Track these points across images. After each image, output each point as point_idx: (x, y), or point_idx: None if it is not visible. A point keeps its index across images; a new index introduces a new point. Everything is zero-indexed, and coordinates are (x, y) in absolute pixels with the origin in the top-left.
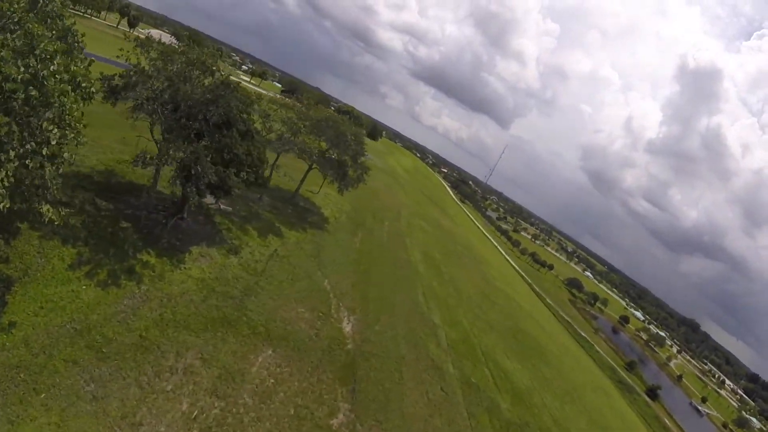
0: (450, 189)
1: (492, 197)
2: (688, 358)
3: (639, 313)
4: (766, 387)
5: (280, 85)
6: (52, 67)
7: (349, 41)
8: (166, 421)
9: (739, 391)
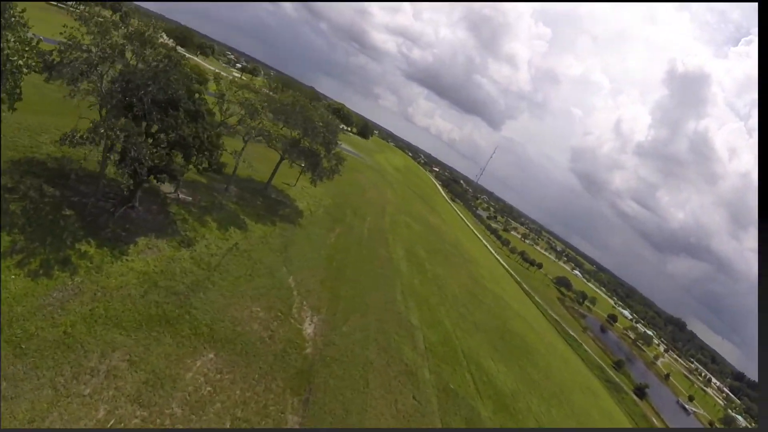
0: (441, 187)
1: (483, 196)
2: (675, 356)
3: (627, 312)
4: (751, 385)
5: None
6: None
7: (345, 42)
8: (77, 429)
9: (725, 390)
